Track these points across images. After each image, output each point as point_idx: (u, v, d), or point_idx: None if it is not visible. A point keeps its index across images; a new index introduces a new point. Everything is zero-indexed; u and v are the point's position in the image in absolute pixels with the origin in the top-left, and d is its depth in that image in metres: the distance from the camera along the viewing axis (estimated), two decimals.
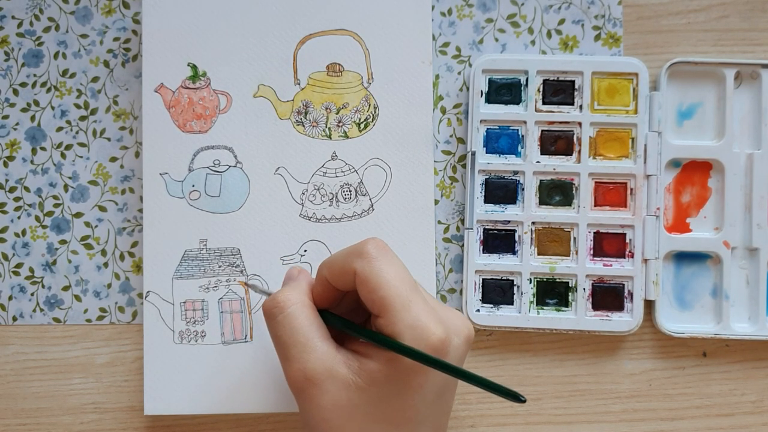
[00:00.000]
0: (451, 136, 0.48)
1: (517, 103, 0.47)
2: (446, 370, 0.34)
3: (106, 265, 0.48)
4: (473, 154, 0.46)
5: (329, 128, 0.47)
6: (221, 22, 0.46)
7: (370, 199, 0.46)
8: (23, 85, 0.48)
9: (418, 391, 0.35)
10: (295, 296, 0.37)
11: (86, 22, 0.48)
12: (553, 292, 0.46)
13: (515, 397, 0.33)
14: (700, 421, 0.47)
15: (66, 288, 0.48)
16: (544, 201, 0.47)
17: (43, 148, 0.48)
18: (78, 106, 0.48)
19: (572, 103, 0.47)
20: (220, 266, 0.46)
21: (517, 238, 0.47)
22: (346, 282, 0.36)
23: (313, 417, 0.35)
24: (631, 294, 0.46)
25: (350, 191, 0.46)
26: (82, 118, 0.48)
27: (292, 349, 0.36)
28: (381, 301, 0.35)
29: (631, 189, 0.46)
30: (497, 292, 0.46)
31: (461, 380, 0.34)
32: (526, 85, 0.47)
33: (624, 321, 0.46)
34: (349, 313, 0.39)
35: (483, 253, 0.47)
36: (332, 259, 0.37)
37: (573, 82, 0.47)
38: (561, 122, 0.47)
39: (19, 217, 0.48)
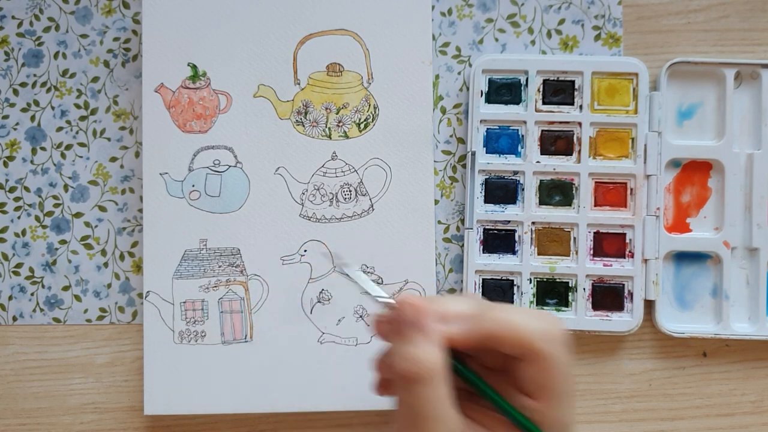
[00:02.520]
0: (451, 136, 0.48)
1: (517, 103, 0.47)
2: None
3: (106, 265, 0.48)
4: (473, 154, 0.46)
5: (329, 128, 0.47)
6: (221, 22, 0.46)
7: (370, 199, 0.46)
8: (23, 85, 0.48)
9: None
10: (438, 360, 0.30)
11: (86, 22, 0.48)
12: (553, 292, 0.46)
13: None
14: (700, 421, 0.47)
15: (66, 288, 0.48)
16: (544, 201, 0.47)
17: (43, 148, 0.48)
18: (78, 106, 0.48)
19: (572, 103, 0.47)
20: (220, 266, 0.46)
21: (517, 238, 0.47)
22: (514, 352, 0.30)
23: None
24: (631, 294, 0.46)
25: (350, 191, 0.46)
26: (82, 118, 0.48)
27: (426, 424, 0.30)
28: (553, 391, 0.30)
29: (631, 189, 0.46)
30: (497, 292, 0.46)
31: None
32: (526, 85, 0.47)
33: (624, 321, 0.46)
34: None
35: (483, 253, 0.47)
36: (512, 323, 0.30)
37: (573, 82, 0.47)
38: (561, 122, 0.47)
39: (19, 217, 0.48)
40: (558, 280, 0.46)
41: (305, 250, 0.46)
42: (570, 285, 0.46)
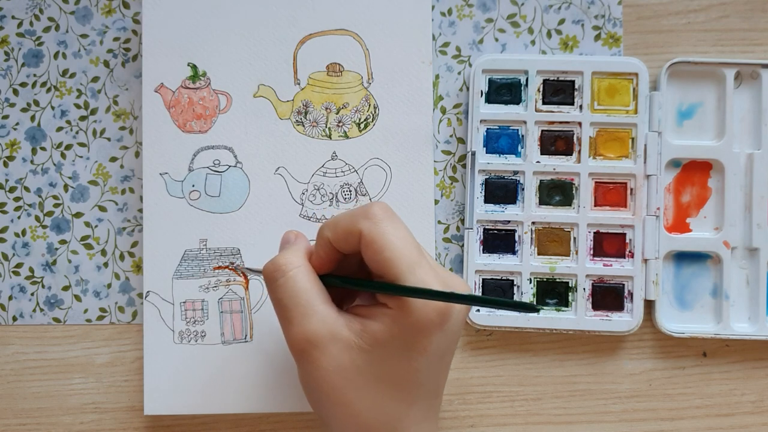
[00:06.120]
0: (451, 136, 0.48)
1: (517, 103, 0.47)
2: (458, 300, 0.34)
3: (106, 265, 0.48)
4: (473, 154, 0.46)
5: (329, 128, 0.47)
6: (221, 22, 0.46)
7: (370, 199, 0.46)
8: (23, 85, 0.48)
9: (423, 353, 0.35)
10: (296, 259, 0.36)
11: (86, 22, 0.48)
12: (553, 292, 0.46)
13: (531, 308, 0.33)
14: (700, 421, 0.47)
15: (66, 288, 0.48)
16: (544, 201, 0.47)
17: (43, 148, 0.48)
18: (78, 106, 0.48)
19: (572, 103, 0.47)
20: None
21: (517, 238, 0.47)
22: (351, 243, 0.36)
23: (314, 379, 0.35)
24: (631, 294, 0.46)
25: (350, 191, 0.47)
26: (82, 118, 0.48)
27: (293, 312, 0.35)
28: (386, 262, 0.34)
29: (631, 189, 0.46)
30: (497, 292, 0.46)
31: (477, 305, 0.37)
32: (526, 85, 0.47)
33: (624, 321, 0.46)
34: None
35: (483, 253, 0.47)
36: (337, 220, 0.36)
37: (573, 82, 0.47)
38: (561, 122, 0.47)
39: (19, 217, 0.48)
40: (558, 280, 0.46)
41: None
42: (570, 285, 0.46)
